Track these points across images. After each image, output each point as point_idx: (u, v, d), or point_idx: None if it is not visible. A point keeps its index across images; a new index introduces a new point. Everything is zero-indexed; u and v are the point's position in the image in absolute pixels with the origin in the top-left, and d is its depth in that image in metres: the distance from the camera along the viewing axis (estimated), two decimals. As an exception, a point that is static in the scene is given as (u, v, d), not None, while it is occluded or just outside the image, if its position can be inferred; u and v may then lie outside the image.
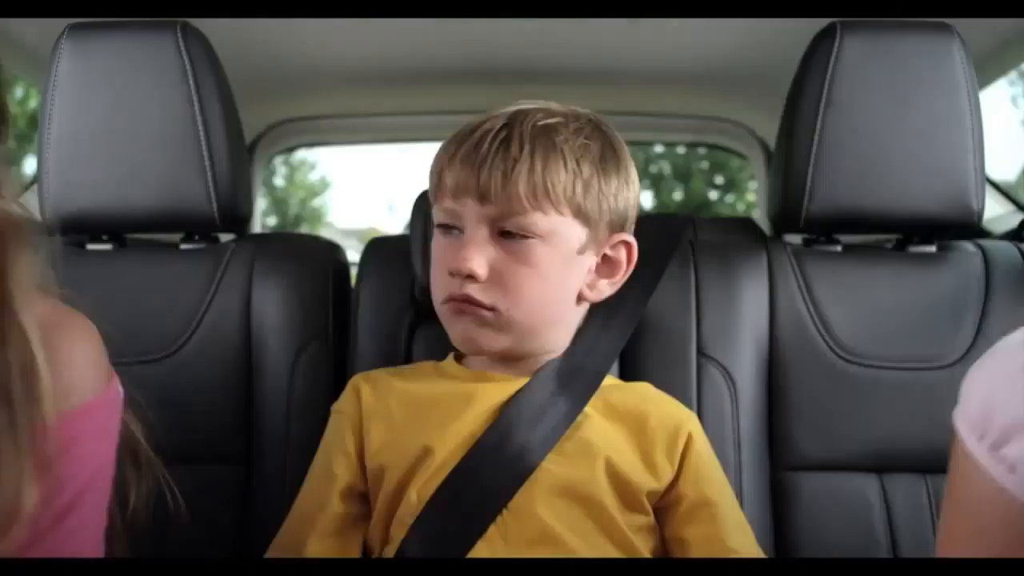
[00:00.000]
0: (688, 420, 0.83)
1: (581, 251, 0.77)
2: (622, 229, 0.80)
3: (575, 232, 0.76)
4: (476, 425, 0.78)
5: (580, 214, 0.76)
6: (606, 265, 0.80)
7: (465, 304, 0.76)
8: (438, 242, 0.79)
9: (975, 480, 0.57)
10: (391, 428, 0.79)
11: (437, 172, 0.78)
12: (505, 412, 0.78)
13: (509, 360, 0.81)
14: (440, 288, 0.78)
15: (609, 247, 0.80)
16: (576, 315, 0.83)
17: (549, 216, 0.74)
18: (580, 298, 0.80)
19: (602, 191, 0.76)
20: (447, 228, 0.78)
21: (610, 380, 0.84)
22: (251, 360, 1.00)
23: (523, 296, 0.75)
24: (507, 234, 0.75)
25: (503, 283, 0.74)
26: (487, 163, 0.73)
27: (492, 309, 0.75)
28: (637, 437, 0.79)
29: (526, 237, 0.74)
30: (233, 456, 0.99)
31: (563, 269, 0.77)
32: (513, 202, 0.73)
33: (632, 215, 0.81)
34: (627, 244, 0.81)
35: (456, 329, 0.78)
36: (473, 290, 0.75)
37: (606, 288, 0.81)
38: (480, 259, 0.74)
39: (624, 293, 0.89)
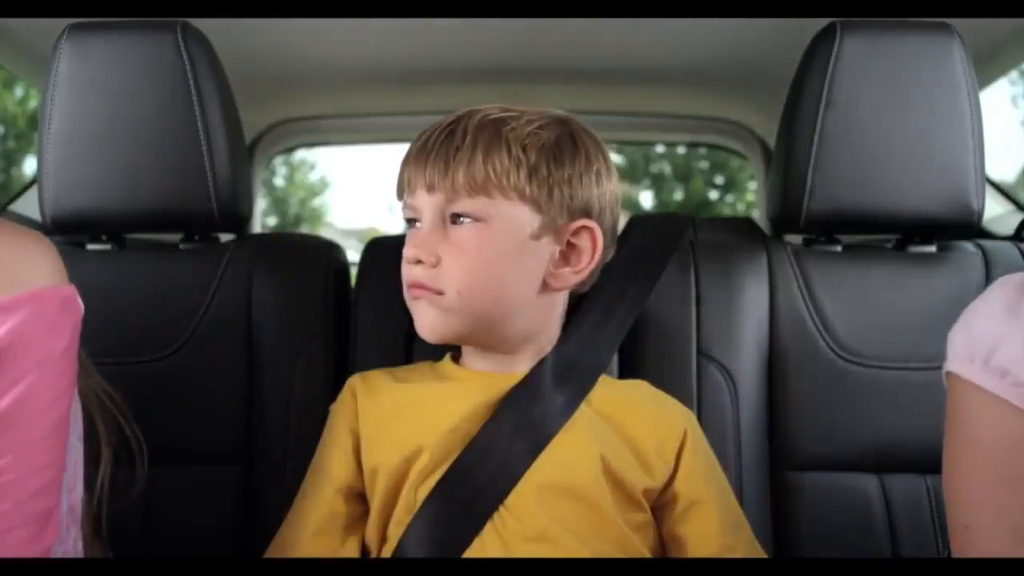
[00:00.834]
0: (684, 418, 0.83)
1: (536, 237, 0.77)
2: (587, 217, 0.79)
3: (524, 216, 0.76)
4: (471, 423, 0.78)
5: (528, 199, 0.76)
6: (571, 253, 0.80)
7: (417, 289, 0.77)
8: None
9: (973, 400, 0.69)
10: (384, 428, 0.80)
11: (399, 172, 0.80)
12: (500, 410, 0.78)
13: (495, 354, 0.81)
14: (403, 277, 0.79)
15: (571, 235, 0.79)
16: (547, 305, 0.82)
17: (495, 201, 0.75)
18: (546, 287, 0.79)
19: (552, 176, 0.76)
20: (411, 222, 0.80)
21: (607, 378, 0.84)
22: (251, 360, 1.00)
23: (470, 279, 0.75)
24: (456, 221, 0.76)
25: (450, 267, 0.75)
26: (432, 154, 0.76)
27: (440, 293, 0.76)
28: (633, 435, 0.79)
29: (475, 221, 0.75)
30: (233, 456, 0.99)
31: (514, 254, 0.76)
32: (455, 188, 0.75)
33: (599, 205, 0.80)
34: (589, 230, 0.79)
35: (415, 316, 0.79)
36: (422, 275, 0.76)
37: (571, 277, 0.80)
38: (426, 243, 0.76)
39: (623, 291, 0.89)
